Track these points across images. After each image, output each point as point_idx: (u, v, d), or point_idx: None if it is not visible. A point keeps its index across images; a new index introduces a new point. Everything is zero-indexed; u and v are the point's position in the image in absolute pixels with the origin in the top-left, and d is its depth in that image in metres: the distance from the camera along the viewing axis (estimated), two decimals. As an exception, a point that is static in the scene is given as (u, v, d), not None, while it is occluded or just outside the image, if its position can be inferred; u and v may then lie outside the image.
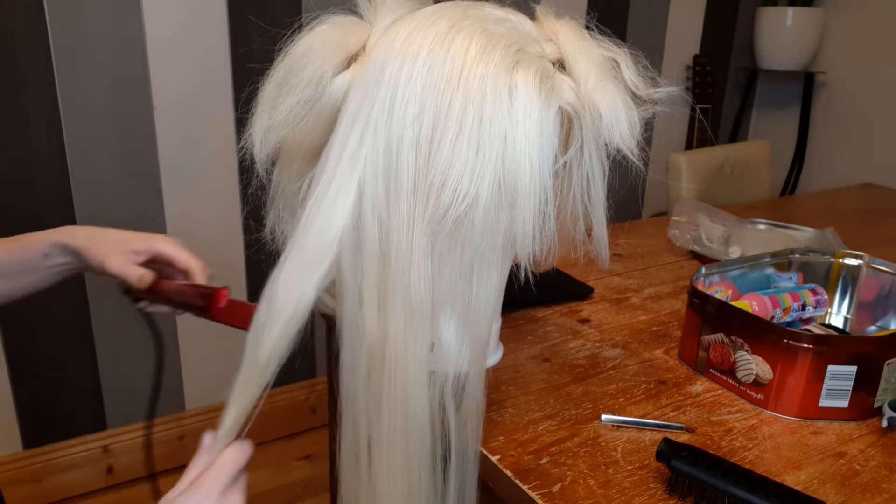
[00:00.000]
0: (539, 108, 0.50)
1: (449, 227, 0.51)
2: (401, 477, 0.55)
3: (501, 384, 0.77)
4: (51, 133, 1.41)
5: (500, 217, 0.51)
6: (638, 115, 0.54)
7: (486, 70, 0.50)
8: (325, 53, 0.53)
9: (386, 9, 0.55)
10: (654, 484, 0.61)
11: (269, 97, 0.55)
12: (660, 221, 1.44)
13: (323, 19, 0.54)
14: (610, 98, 0.52)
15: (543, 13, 0.58)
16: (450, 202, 0.50)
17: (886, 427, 0.71)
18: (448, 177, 0.49)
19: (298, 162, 0.58)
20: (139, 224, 1.55)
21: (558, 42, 0.55)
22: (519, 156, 0.50)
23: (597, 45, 0.55)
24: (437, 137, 0.49)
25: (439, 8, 0.53)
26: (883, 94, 2.22)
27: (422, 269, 0.52)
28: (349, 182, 0.52)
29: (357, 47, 0.54)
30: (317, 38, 0.53)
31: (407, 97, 0.50)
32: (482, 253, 0.52)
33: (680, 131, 2.45)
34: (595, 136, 0.54)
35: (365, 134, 0.51)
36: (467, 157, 0.49)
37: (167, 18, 1.47)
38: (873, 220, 1.55)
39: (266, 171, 0.59)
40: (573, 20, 0.56)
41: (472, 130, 0.49)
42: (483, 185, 0.49)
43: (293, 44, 0.54)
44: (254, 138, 0.55)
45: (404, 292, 0.52)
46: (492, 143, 0.49)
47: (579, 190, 0.56)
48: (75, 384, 1.58)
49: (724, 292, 0.87)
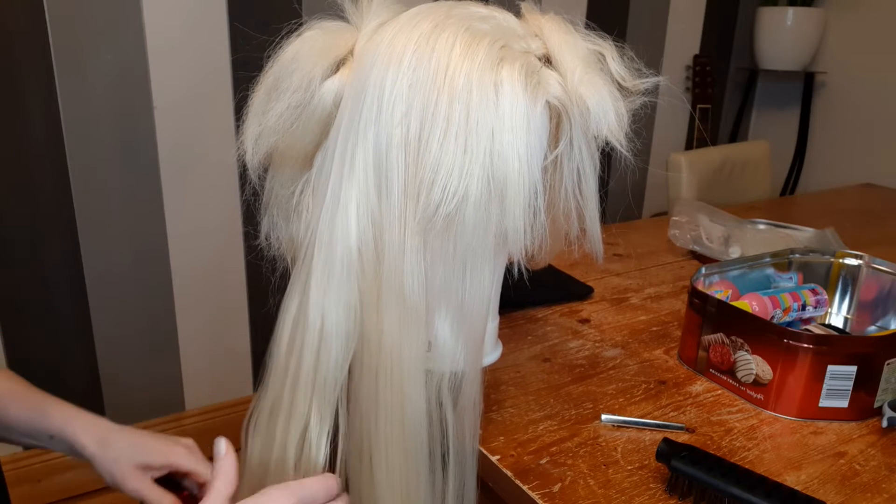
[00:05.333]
0: (525, 103, 0.50)
1: (440, 225, 0.51)
2: (399, 476, 0.55)
3: (501, 384, 0.77)
4: (51, 133, 1.41)
5: (490, 213, 0.51)
6: (625, 107, 0.54)
7: (471, 67, 0.50)
8: (313, 59, 0.53)
9: (372, 13, 0.55)
10: (654, 484, 0.61)
11: (259, 103, 0.55)
12: (660, 221, 1.44)
13: (310, 25, 0.55)
14: (596, 90, 0.52)
15: (529, 9, 0.58)
16: (440, 200, 0.50)
17: (886, 427, 0.71)
18: (437, 175, 0.49)
19: (290, 167, 0.58)
20: (140, 223, 1.55)
21: (543, 37, 0.55)
22: (507, 151, 0.50)
23: (582, 38, 0.55)
24: (425, 136, 0.50)
25: (423, 9, 0.54)
26: (883, 94, 2.22)
27: (415, 267, 0.52)
28: (349, 190, 0.52)
29: (345, 52, 0.54)
30: (304, 44, 0.54)
31: (394, 97, 0.50)
32: (474, 249, 0.52)
33: (680, 131, 2.45)
34: (584, 130, 0.54)
35: (357, 138, 0.51)
36: (455, 155, 0.49)
37: (167, 18, 1.47)
38: (873, 220, 1.55)
39: (259, 178, 0.59)
40: (558, 15, 0.56)
41: (459, 128, 0.49)
42: (472, 182, 0.49)
43: (281, 50, 0.55)
44: (245, 145, 0.56)
45: (398, 291, 0.52)
46: (479, 140, 0.49)
47: (570, 184, 0.56)
48: (75, 384, 1.58)
49: (724, 292, 0.87)
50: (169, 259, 1.62)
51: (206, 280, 1.68)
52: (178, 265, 1.63)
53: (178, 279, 1.64)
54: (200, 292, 1.68)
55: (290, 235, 0.60)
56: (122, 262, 1.56)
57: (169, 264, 1.62)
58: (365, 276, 0.53)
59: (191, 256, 1.64)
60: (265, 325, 1.83)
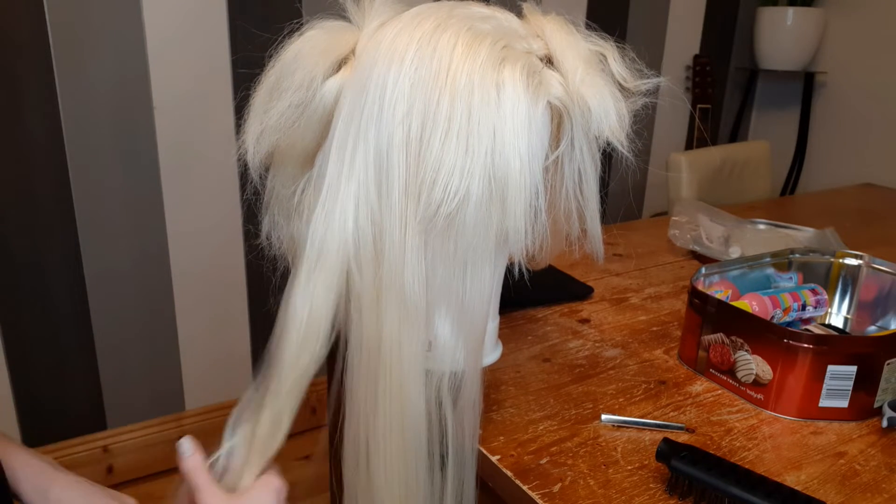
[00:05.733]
0: (527, 103, 0.50)
1: (441, 225, 0.51)
2: (398, 475, 0.55)
3: (501, 384, 0.77)
4: (51, 133, 1.41)
5: (491, 213, 0.51)
6: (627, 107, 0.54)
7: (472, 67, 0.50)
8: (314, 58, 0.53)
9: (374, 12, 0.55)
10: (654, 484, 0.61)
11: (261, 102, 0.55)
12: (660, 221, 1.44)
13: (312, 24, 0.55)
14: (598, 91, 0.53)
15: (530, 10, 0.58)
16: (441, 199, 0.50)
17: (886, 427, 0.71)
18: (438, 174, 0.50)
19: (291, 166, 0.58)
20: (140, 223, 1.55)
21: (545, 38, 0.55)
22: (508, 151, 0.50)
23: (584, 39, 0.55)
24: (427, 135, 0.50)
25: (425, 8, 0.54)
26: (883, 94, 2.22)
27: (415, 267, 0.52)
28: (347, 187, 0.52)
29: (346, 51, 0.55)
30: (306, 43, 0.54)
31: (396, 96, 0.50)
32: (475, 249, 0.53)
33: (680, 131, 2.45)
34: (585, 130, 0.54)
35: (358, 136, 0.51)
36: (457, 154, 0.49)
37: (167, 18, 1.47)
38: (873, 220, 1.55)
39: (260, 177, 0.59)
40: (560, 16, 0.57)
41: (461, 127, 0.49)
42: (473, 182, 0.50)
43: (283, 49, 0.55)
44: (247, 144, 0.56)
45: (398, 291, 0.52)
46: (481, 140, 0.49)
47: (571, 185, 0.56)
48: (75, 384, 1.58)
49: (724, 292, 0.87)
50: (169, 259, 1.62)
51: (206, 280, 1.68)
52: (179, 265, 1.63)
53: (178, 279, 1.64)
54: (201, 292, 1.68)
55: (290, 235, 0.61)
56: (122, 262, 1.56)
57: (169, 264, 1.62)
58: (363, 276, 0.53)
59: (191, 256, 1.64)
60: (265, 325, 1.83)
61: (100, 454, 1.64)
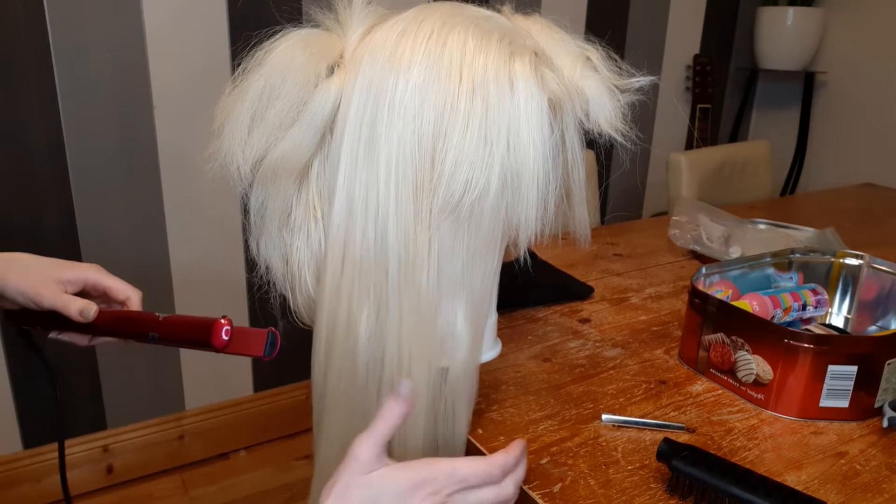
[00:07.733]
0: (538, 95, 0.52)
1: (463, 216, 0.52)
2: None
3: (501, 384, 0.77)
4: (50, 133, 1.41)
5: (506, 203, 0.53)
6: (622, 101, 0.57)
7: (486, 61, 0.51)
8: (303, 64, 0.54)
9: (355, 19, 0.56)
10: (655, 484, 0.61)
11: (246, 110, 0.55)
12: (660, 221, 1.44)
13: (287, 34, 0.55)
14: (595, 83, 0.55)
15: (510, 13, 0.60)
16: (462, 192, 0.51)
17: (887, 427, 0.71)
18: (459, 168, 0.50)
19: (285, 180, 0.58)
20: (140, 224, 1.55)
21: (533, 37, 0.57)
22: (524, 142, 0.51)
23: (570, 38, 0.58)
24: (443, 130, 0.50)
25: (424, 8, 0.54)
26: (883, 93, 2.22)
27: (430, 261, 0.53)
28: (363, 191, 0.53)
29: (335, 57, 0.55)
30: (290, 51, 0.54)
31: (407, 93, 0.51)
32: (488, 238, 0.54)
33: (680, 131, 2.45)
34: (575, 123, 0.56)
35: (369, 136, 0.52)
36: (476, 147, 0.50)
37: (167, 18, 1.47)
38: (873, 220, 1.55)
39: (246, 194, 0.59)
40: (542, 17, 0.59)
41: (480, 120, 0.50)
42: (493, 173, 0.51)
43: (258, 60, 0.55)
44: (233, 153, 0.56)
45: (414, 285, 0.53)
46: (499, 132, 0.50)
47: (566, 171, 0.59)
48: (75, 384, 1.58)
49: (724, 292, 0.87)
50: (169, 259, 1.61)
51: (206, 280, 1.68)
52: (179, 265, 1.63)
53: (178, 279, 1.64)
54: (201, 292, 1.68)
55: (282, 253, 0.60)
56: (123, 262, 1.56)
57: (169, 264, 1.62)
58: (378, 272, 0.53)
59: (191, 256, 1.64)
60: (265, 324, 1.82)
61: (100, 454, 1.64)
